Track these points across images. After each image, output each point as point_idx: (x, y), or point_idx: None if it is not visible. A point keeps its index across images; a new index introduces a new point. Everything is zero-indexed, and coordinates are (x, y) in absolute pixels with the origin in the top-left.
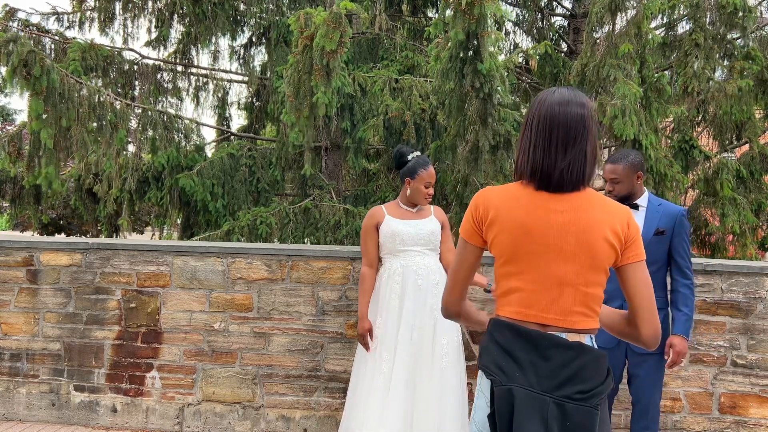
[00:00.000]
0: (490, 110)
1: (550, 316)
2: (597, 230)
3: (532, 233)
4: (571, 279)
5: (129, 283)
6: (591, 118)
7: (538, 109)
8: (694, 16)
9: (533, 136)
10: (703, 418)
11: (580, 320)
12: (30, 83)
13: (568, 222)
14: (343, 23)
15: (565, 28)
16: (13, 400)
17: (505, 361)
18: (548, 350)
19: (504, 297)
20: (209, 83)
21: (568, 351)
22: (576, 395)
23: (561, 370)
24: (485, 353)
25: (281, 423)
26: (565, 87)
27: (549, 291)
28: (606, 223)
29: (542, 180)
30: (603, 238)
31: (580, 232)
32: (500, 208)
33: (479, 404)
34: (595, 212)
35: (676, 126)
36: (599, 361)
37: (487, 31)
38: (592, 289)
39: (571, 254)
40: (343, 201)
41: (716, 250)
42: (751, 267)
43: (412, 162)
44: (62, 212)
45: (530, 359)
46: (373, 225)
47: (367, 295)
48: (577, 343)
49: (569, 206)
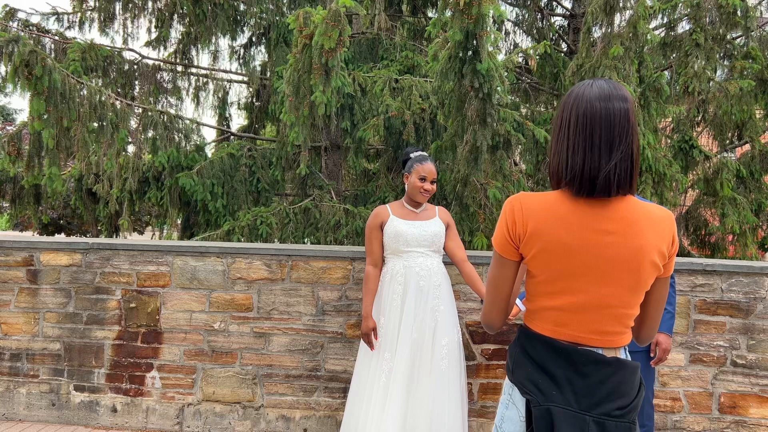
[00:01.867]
0: (489, 110)
1: (585, 335)
2: (645, 255)
3: (574, 255)
4: (611, 302)
5: (129, 283)
6: (633, 113)
7: (575, 105)
8: (694, 15)
9: (571, 137)
10: (703, 418)
11: (615, 339)
12: (32, 83)
13: (614, 245)
14: (342, 21)
15: (565, 28)
16: (13, 400)
17: (540, 378)
18: (585, 367)
19: (536, 312)
20: (209, 83)
21: (606, 367)
22: (615, 412)
23: (599, 387)
24: (518, 368)
25: (281, 423)
26: (603, 79)
27: (586, 312)
28: (654, 247)
29: (584, 185)
30: (651, 262)
31: (627, 257)
32: (540, 223)
33: (509, 415)
34: (643, 234)
35: (675, 126)
36: (635, 374)
37: (485, 31)
38: (631, 310)
39: (613, 278)
40: (343, 201)
41: (716, 250)
42: (751, 267)
43: (411, 159)
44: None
45: (567, 376)
46: (378, 224)
47: (372, 295)
48: (615, 358)
49: (615, 227)
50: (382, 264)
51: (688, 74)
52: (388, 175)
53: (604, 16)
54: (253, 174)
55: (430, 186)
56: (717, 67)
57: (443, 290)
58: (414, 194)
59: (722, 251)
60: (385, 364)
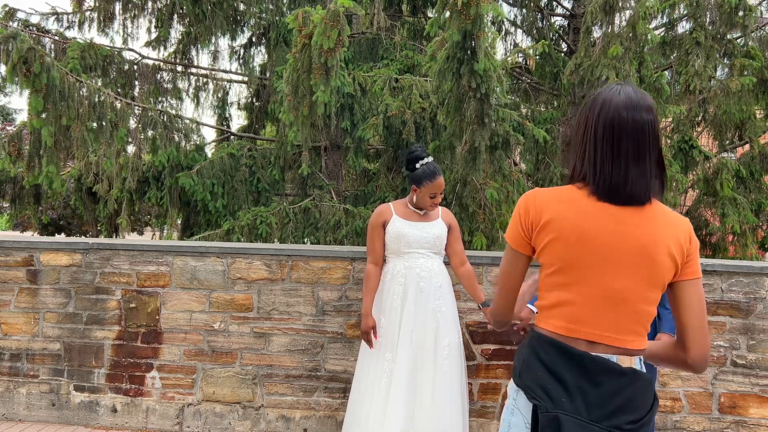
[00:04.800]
0: (486, 110)
1: (602, 333)
2: (661, 244)
3: (590, 242)
4: (628, 295)
5: (129, 283)
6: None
7: (602, 112)
8: (694, 15)
9: (597, 144)
10: (703, 418)
11: (632, 339)
12: (30, 80)
13: (631, 234)
14: (341, 21)
15: (565, 28)
16: (13, 400)
17: (551, 383)
18: (599, 375)
19: (550, 309)
20: (209, 83)
21: (621, 378)
22: (627, 425)
23: (612, 398)
24: (527, 371)
25: (281, 423)
26: (629, 85)
27: (602, 306)
28: (671, 237)
29: (607, 193)
30: (667, 252)
31: (643, 246)
32: (555, 211)
33: (515, 422)
34: (659, 224)
35: (675, 126)
36: (649, 388)
37: (483, 32)
38: (647, 307)
39: (630, 268)
40: (343, 201)
41: (716, 250)
42: (751, 267)
43: (420, 170)
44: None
45: (578, 384)
46: (381, 223)
47: (372, 293)
48: (631, 369)
49: (632, 217)
50: (383, 263)
51: (689, 73)
52: (388, 175)
53: (603, 16)
54: (253, 174)
55: (439, 198)
56: (717, 66)
57: (444, 291)
58: (422, 206)
59: (722, 251)
60: (386, 365)
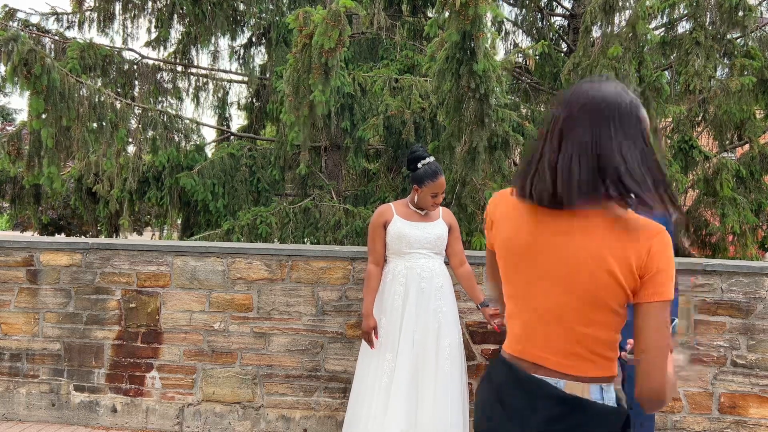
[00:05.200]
0: (486, 111)
1: (541, 354)
2: (599, 260)
3: (525, 254)
4: (567, 314)
5: (129, 283)
6: (608, 119)
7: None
8: (694, 14)
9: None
10: (702, 418)
11: (576, 364)
12: (30, 82)
13: (567, 246)
14: (341, 21)
15: (565, 28)
16: (13, 400)
17: (493, 409)
18: (538, 400)
19: (508, 323)
20: (209, 83)
21: (559, 405)
22: None
23: (550, 426)
24: (479, 392)
25: (281, 423)
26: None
27: (541, 325)
28: (615, 250)
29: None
30: (606, 270)
31: (580, 261)
32: (500, 213)
33: None
34: (604, 237)
35: (675, 126)
36: (605, 420)
37: (482, 32)
38: (592, 330)
39: (567, 285)
40: (343, 201)
41: (716, 250)
42: (751, 267)
43: (422, 170)
44: (62, 212)
45: (520, 409)
46: (382, 223)
47: (373, 293)
48: (573, 396)
49: (576, 226)
50: (384, 263)
51: (689, 72)
52: (388, 175)
53: (603, 16)
54: (253, 174)
55: (441, 197)
56: (717, 66)
57: (445, 291)
58: (424, 206)
59: (722, 251)
60: (387, 365)
